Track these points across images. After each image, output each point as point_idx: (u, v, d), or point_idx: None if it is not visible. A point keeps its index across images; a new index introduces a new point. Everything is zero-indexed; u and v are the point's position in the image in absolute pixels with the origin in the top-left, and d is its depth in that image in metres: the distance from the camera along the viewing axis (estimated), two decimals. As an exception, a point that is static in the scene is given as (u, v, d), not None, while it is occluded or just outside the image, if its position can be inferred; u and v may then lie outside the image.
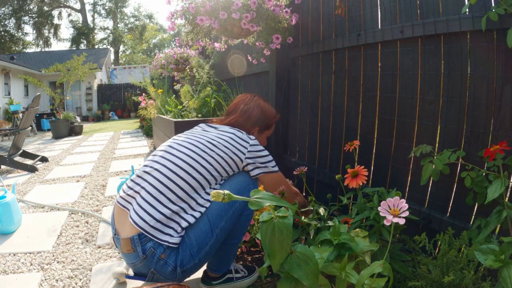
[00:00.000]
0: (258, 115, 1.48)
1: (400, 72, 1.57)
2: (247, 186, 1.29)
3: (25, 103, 12.48)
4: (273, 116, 1.55)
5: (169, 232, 1.13)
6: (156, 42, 33.44)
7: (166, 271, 1.13)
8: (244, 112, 1.48)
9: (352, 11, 1.84)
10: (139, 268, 1.17)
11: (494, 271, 0.98)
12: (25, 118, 4.08)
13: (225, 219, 1.20)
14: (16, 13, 23.63)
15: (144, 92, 4.68)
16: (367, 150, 1.79)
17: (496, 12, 1.08)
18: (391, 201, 0.85)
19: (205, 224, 1.17)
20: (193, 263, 1.15)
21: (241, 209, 1.24)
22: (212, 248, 1.19)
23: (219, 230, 1.19)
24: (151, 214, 1.13)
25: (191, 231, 1.16)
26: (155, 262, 1.12)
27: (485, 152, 1.06)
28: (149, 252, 1.12)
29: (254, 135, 1.48)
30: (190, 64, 4.40)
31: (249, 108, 1.48)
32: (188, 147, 1.28)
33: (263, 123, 1.50)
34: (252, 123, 1.47)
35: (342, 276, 0.91)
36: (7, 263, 1.66)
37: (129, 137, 6.86)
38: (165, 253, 1.12)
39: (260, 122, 1.50)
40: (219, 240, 1.21)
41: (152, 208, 1.14)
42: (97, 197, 2.73)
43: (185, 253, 1.14)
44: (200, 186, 1.22)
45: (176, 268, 1.13)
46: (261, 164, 1.35)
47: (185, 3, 2.00)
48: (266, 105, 1.54)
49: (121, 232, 1.19)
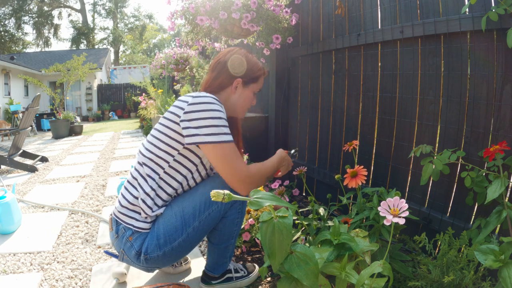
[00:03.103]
0: (237, 62, 1.25)
1: (400, 72, 1.57)
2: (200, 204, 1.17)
3: (25, 103, 12.48)
4: (259, 66, 1.32)
5: (134, 216, 1.19)
6: (156, 42, 33.47)
7: (131, 253, 1.19)
8: (218, 63, 1.28)
9: (352, 11, 1.84)
10: (115, 246, 1.26)
11: (494, 271, 0.98)
12: (25, 118, 4.08)
13: (200, 219, 1.17)
14: (16, 13, 23.64)
15: (144, 92, 4.69)
16: (367, 150, 1.79)
17: (496, 12, 1.08)
18: (391, 201, 0.85)
19: (177, 219, 1.17)
20: (157, 254, 1.16)
21: (220, 212, 1.20)
22: (182, 246, 1.18)
23: (192, 229, 1.17)
24: (119, 200, 1.24)
25: (161, 222, 1.18)
26: (124, 242, 1.20)
27: (485, 152, 1.06)
28: (120, 232, 1.21)
29: (238, 91, 1.28)
30: (190, 64, 4.40)
31: (225, 59, 1.27)
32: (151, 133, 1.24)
33: (246, 73, 1.27)
34: (230, 73, 1.25)
35: (342, 276, 0.91)
36: (7, 263, 1.66)
37: (129, 137, 6.86)
38: (132, 236, 1.19)
39: (240, 70, 1.26)
40: (193, 240, 1.19)
41: (120, 195, 1.25)
42: (97, 197, 2.73)
43: (151, 242, 1.17)
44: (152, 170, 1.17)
45: (140, 253, 1.17)
46: (194, 128, 1.09)
47: (185, 3, 2.00)
48: (249, 55, 1.31)
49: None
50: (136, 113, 12.05)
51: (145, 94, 4.27)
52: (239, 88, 1.28)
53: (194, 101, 1.11)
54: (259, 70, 1.32)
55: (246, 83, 1.29)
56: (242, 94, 1.29)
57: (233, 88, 1.27)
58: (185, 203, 1.18)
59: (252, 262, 1.61)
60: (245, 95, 1.30)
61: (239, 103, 1.30)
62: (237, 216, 1.25)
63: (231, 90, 1.28)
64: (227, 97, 1.29)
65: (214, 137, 1.09)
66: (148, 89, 4.43)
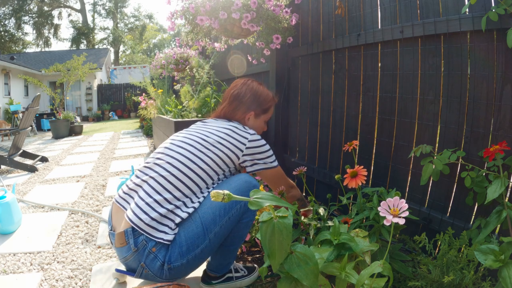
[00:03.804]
0: (251, 98, 1.40)
1: (400, 72, 1.57)
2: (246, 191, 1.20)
3: (25, 103, 12.48)
4: (270, 98, 1.46)
5: (164, 229, 1.15)
6: (156, 42, 33.46)
7: (155, 266, 1.14)
8: (235, 98, 1.41)
9: (352, 11, 1.84)
10: (130, 262, 1.19)
11: (494, 271, 0.98)
12: (25, 118, 4.08)
13: (220, 224, 1.17)
14: (16, 13, 23.63)
15: (144, 92, 4.68)
16: (367, 150, 1.79)
17: (496, 12, 1.08)
18: (391, 201, 0.85)
19: (198, 226, 1.16)
20: (180, 262, 1.15)
21: (238, 216, 1.21)
22: (204, 253, 1.18)
23: (213, 235, 1.17)
24: (146, 212, 1.15)
25: (182, 230, 1.16)
26: (146, 255, 1.14)
27: (485, 152, 1.06)
28: (141, 245, 1.14)
29: (250, 122, 1.43)
30: (190, 64, 4.40)
31: (240, 93, 1.41)
32: (184, 147, 1.27)
33: (258, 106, 1.42)
34: (245, 108, 1.40)
35: (342, 276, 0.91)
36: (7, 263, 1.66)
37: (129, 137, 6.86)
38: (156, 247, 1.14)
39: (255, 106, 1.41)
40: (214, 245, 1.19)
41: (147, 207, 1.16)
42: (97, 197, 2.73)
43: (174, 251, 1.14)
44: (197, 186, 1.22)
45: (164, 264, 1.14)
46: (259, 160, 1.33)
47: (185, 3, 2.00)
48: (261, 87, 1.45)
49: (117, 228, 1.24)
50: (136, 113, 12.05)
51: (145, 94, 4.26)
52: (251, 119, 1.43)
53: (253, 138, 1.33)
54: (270, 102, 1.46)
55: (258, 115, 1.44)
56: (254, 124, 1.44)
57: (246, 119, 1.42)
58: (203, 209, 1.18)
59: (252, 262, 1.61)
60: (257, 124, 1.45)
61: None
62: (251, 218, 1.26)
63: (244, 121, 1.43)
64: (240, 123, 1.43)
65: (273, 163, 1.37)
66: (148, 89, 4.43)
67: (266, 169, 1.35)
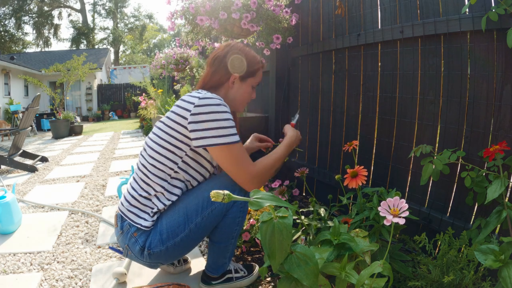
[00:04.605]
0: (234, 58, 1.24)
1: (400, 72, 1.57)
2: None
3: (25, 103, 12.48)
4: (257, 60, 1.30)
5: (144, 216, 1.20)
6: (156, 42, 33.48)
7: (135, 249, 1.20)
8: (216, 58, 1.27)
9: (352, 11, 1.84)
10: (120, 242, 1.28)
11: (494, 271, 0.98)
12: (25, 118, 4.08)
13: (202, 216, 1.17)
14: (16, 13, 23.64)
15: (144, 92, 4.69)
16: (367, 150, 1.79)
17: (496, 12, 1.08)
18: (391, 201, 0.85)
19: (180, 216, 1.18)
20: (159, 249, 1.18)
21: (222, 210, 1.20)
22: (184, 242, 1.19)
23: (194, 225, 1.17)
24: (128, 200, 1.25)
25: (165, 219, 1.19)
26: (129, 238, 1.22)
27: (485, 152, 1.06)
28: (125, 229, 1.23)
29: (235, 86, 1.28)
30: (190, 64, 4.40)
31: (221, 53, 1.27)
32: (155, 132, 1.25)
33: (243, 67, 1.26)
34: (228, 68, 1.25)
35: (342, 276, 0.91)
36: (7, 263, 1.66)
37: (129, 137, 6.85)
38: (137, 232, 1.20)
39: (238, 65, 1.25)
40: (195, 236, 1.20)
41: (129, 195, 1.25)
42: (97, 197, 2.73)
43: (154, 237, 1.18)
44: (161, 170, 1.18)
45: (144, 249, 1.18)
46: (202, 130, 1.09)
47: (185, 3, 2.00)
48: (247, 48, 1.30)
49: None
50: (136, 113, 12.05)
51: (145, 94, 4.27)
52: (237, 83, 1.28)
53: (200, 103, 1.11)
54: (256, 64, 1.30)
55: (244, 78, 1.29)
56: (240, 88, 1.29)
57: (230, 83, 1.28)
58: (188, 200, 1.20)
59: (252, 262, 1.61)
60: (243, 90, 1.30)
61: (238, 98, 1.31)
62: (239, 214, 1.25)
63: (229, 85, 1.29)
64: (225, 93, 1.30)
65: (222, 138, 1.11)
66: (148, 89, 4.44)
67: (212, 145, 1.10)
